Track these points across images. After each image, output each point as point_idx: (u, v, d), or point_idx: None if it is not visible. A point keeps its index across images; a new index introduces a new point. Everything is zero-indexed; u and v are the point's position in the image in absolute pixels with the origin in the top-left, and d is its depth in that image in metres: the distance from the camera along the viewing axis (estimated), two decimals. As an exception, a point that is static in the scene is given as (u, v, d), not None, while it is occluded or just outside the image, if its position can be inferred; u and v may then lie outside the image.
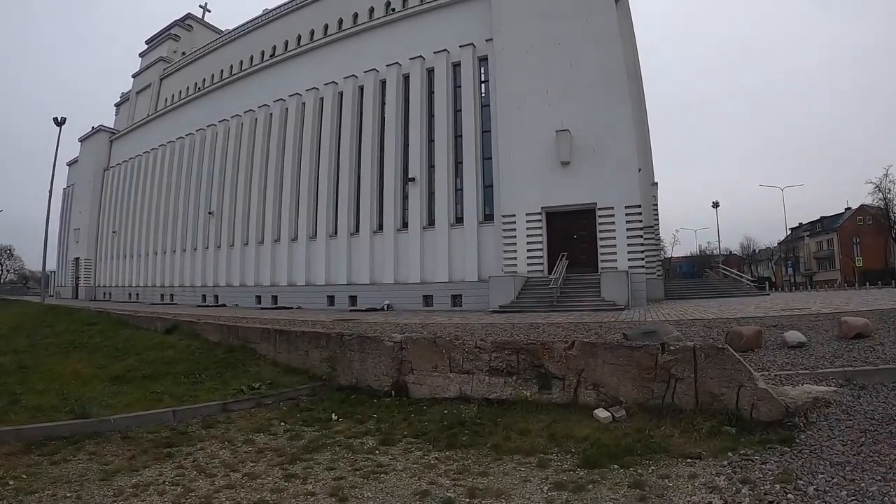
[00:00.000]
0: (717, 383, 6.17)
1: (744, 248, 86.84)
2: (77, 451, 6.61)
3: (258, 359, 12.15)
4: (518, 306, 20.32)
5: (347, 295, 28.66)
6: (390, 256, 27.59)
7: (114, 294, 47.28)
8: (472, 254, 25.23)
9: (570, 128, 22.40)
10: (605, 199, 21.84)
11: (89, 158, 53.12)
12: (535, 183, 23.19)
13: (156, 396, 9.16)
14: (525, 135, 23.52)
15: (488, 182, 25.75)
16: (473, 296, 23.80)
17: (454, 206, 26.48)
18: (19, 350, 15.33)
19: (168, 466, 5.99)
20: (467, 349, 8.48)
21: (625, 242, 21.46)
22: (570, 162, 22.42)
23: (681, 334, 8.40)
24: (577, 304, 19.41)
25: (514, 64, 24.32)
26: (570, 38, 23.21)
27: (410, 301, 26.09)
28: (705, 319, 12.78)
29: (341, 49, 32.15)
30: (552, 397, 7.44)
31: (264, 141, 34.84)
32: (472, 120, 26.21)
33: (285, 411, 8.67)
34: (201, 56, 46.74)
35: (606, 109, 22.13)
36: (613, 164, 21.76)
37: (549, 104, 23.14)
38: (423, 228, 26.85)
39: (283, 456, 6.26)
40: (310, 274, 30.84)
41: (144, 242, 44.57)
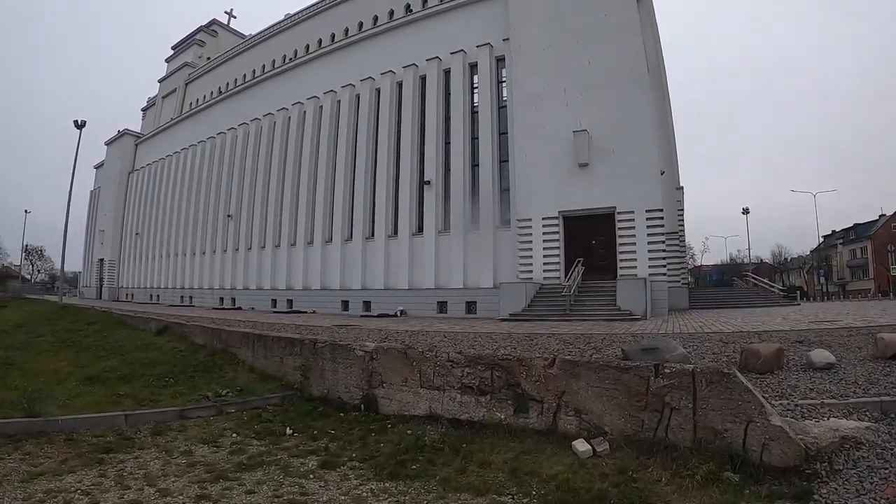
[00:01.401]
0: (720, 416, 5.00)
1: (775, 256, 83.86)
2: (14, 450, 6.56)
3: (237, 364, 11.70)
4: (529, 314, 19.24)
5: (361, 300, 28.00)
6: (405, 261, 26.79)
7: (136, 295, 47.45)
8: (488, 259, 24.26)
9: (588, 128, 21.26)
10: (625, 202, 20.64)
11: (115, 162, 53.75)
12: (551, 186, 22.13)
13: (117, 399, 9.02)
14: (542, 136, 22.49)
15: (505, 185, 24.77)
16: (488, 303, 22.77)
17: (470, 210, 25.52)
18: (12, 347, 15.64)
19: (92, 473, 5.81)
20: (439, 363, 7.45)
21: (645, 248, 20.22)
22: (588, 163, 21.29)
23: (686, 353, 7.18)
24: (591, 313, 18.22)
25: (531, 63, 23.31)
26: (589, 35, 22.12)
27: (424, 307, 25.25)
28: (723, 333, 11.47)
29: (359, 52, 31.64)
30: (529, 422, 6.35)
31: (282, 144, 34.55)
32: (489, 121, 25.28)
33: (244, 421, 8.21)
34: (225, 61, 46.92)
35: (626, 108, 20.93)
36: (634, 165, 20.53)
37: (567, 104, 22.05)
38: (438, 233, 25.98)
39: (211, 472, 5.86)
40: (325, 278, 30.27)
41: (166, 244, 44.72)
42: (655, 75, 25.51)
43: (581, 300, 19.42)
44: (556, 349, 8.91)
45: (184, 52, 54.17)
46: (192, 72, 51.10)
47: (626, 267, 20.46)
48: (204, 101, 45.98)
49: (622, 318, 17.18)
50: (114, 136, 54.73)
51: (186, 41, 54.64)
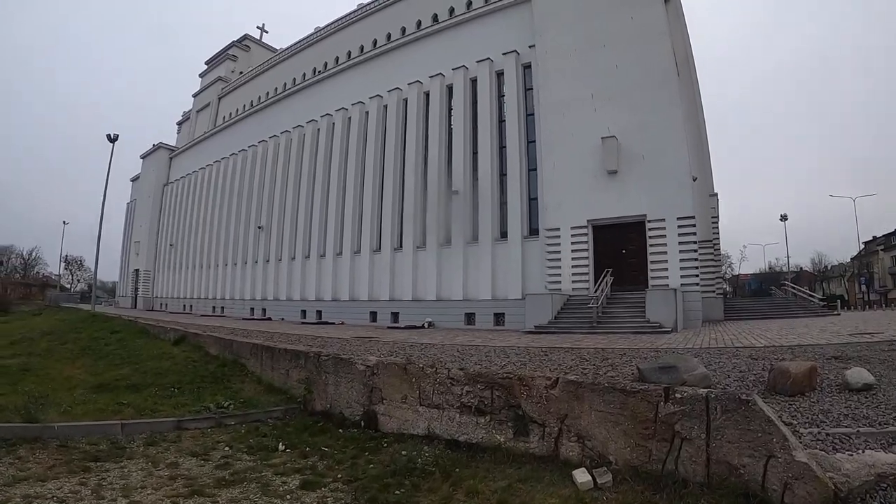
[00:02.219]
0: (736, 449, 4.39)
1: (815, 263, 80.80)
2: (6, 454, 6.60)
3: (245, 375, 11.66)
4: (555, 327, 18.55)
5: (390, 311, 27.64)
6: (433, 272, 26.37)
7: (170, 305, 48.17)
8: (516, 270, 23.66)
9: (616, 134, 20.54)
10: (656, 210, 19.82)
11: (150, 174, 54.91)
12: (580, 194, 21.45)
13: (118, 407, 9.05)
14: (570, 143, 21.83)
15: (533, 195, 24.15)
16: (516, 314, 22.10)
17: (498, 220, 25.00)
18: (34, 353, 16.23)
19: (72, 482, 5.79)
20: (439, 380, 7.00)
21: (677, 257, 19.35)
22: (617, 171, 20.56)
23: (707, 372, 6.51)
24: (619, 325, 17.47)
25: (557, 68, 22.72)
26: (615, 39, 21.43)
27: (452, 319, 24.74)
28: (754, 347, 10.67)
29: (386, 62, 31.53)
30: (529, 446, 5.84)
31: (311, 156, 34.63)
32: (517, 130, 24.73)
33: (241, 434, 8.07)
34: (256, 75, 47.47)
35: (656, 113, 20.15)
36: (664, 172, 19.73)
37: (595, 109, 21.38)
38: (466, 244, 25.48)
39: (190, 487, 5.75)
40: (353, 289, 30.05)
41: (199, 255, 45.30)
42: (686, 78, 24.66)
43: (609, 312, 18.68)
44: (568, 366, 8.33)
45: (217, 67, 55.11)
46: (225, 86, 51.90)
47: (657, 277, 19.66)
48: (236, 114, 46.60)
49: (651, 330, 16.40)
50: (149, 149, 56.02)
51: (219, 56, 55.60)
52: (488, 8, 27.13)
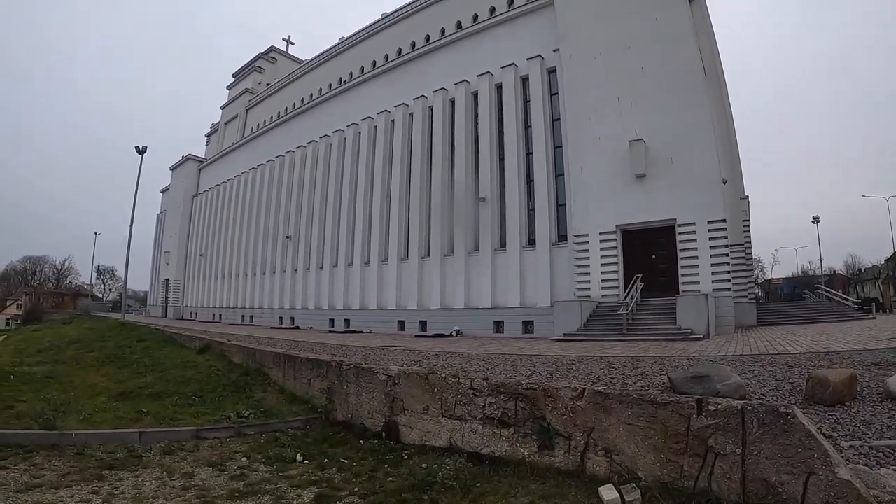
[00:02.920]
0: (774, 465, 4.10)
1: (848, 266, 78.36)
2: (22, 461, 6.60)
3: (267, 384, 11.65)
4: (584, 334, 18.21)
5: (418, 320, 27.49)
6: (461, 280, 26.16)
7: (199, 314, 48.72)
8: (545, 277, 23.30)
9: (644, 137, 20.15)
10: (686, 214, 19.34)
11: (179, 185, 55.82)
12: (608, 199, 21.09)
13: (138, 416, 9.06)
14: (597, 147, 21.50)
15: (561, 200, 23.78)
16: (545, 322, 21.77)
17: (526, 227, 24.71)
18: (60, 361, 16.45)
19: (85, 490, 5.73)
20: (461, 390, 6.79)
21: (708, 262, 18.83)
22: (645, 174, 20.16)
23: (742, 381, 6.20)
24: (650, 332, 17.04)
25: (583, 72, 22.41)
26: (640, 40, 21.04)
27: (481, 327, 24.50)
28: (790, 354, 10.22)
29: (411, 71, 31.57)
30: (554, 460, 5.59)
31: (338, 165, 34.76)
32: (543, 135, 24.42)
33: (260, 444, 7.97)
34: (283, 86, 47.96)
35: (683, 115, 19.70)
36: (694, 175, 19.26)
37: (621, 113, 21.02)
38: (494, 251, 25.23)
39: (202, 498, 5.67)
40: (381, 298, 29.99)
41: (228, 265, 45.76)
42: (713, 79, 24.12)
43: (639, 318, 18.26)
44: (597, 376, 8.05)
45: (244, 80, 55.84)
46: (252, 98, 52.53)
47: (687, 282, 19.16)
48: (264, 125, 47.09)
49: (682, 337, 15.95)
50: (178, 161, 56.93)
51: (246, 68, 56.34)
52: (511, 13, 26.98)
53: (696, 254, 19.11)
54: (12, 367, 14.57)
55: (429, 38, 33.03)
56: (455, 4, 32.38)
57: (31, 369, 14.26)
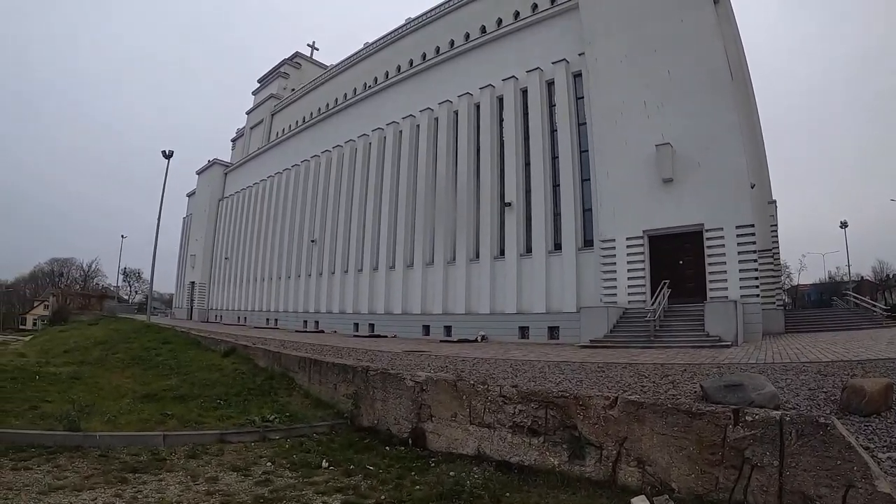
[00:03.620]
0: (812, 478, 4.00)
1: (876, 272, 76.65)
2: (45, 462, 6.59)
3: (293, 388, 11.64)
4: (610, 341, 18.03)
5: (443, 325, 27.46)
6: (486, 285, 26.09)
7: (224, 317, 49.30)
8: (571, 283, 23.14)
9: (671, 141, 19.93)
10: (714, 218, 19.07)
11: (205, 190, 56.64)
12: (635, 203, 20.88)
13: (162, 418, 9.04)
14: (623, 151, 21.31)
15: (587, 205, 23.60)
16: (571, 328, 21.63)
17: (552, 231, 24.56)
18: (86, 362, 16.63)
19: (108, 493, 5.68)
20: (490, 398, 6.74)
21: (736, 268, 18.51)
22: (672, 179, 19.93)
23: (776, 391, 6.08)
24: (677, 339, 16.82)
25: (608, 76, 22.26)
26: (666, 43, 20.83)
27: (506, 332, 24.40)
28: (821, 362, 9.98)
29: (436, 75, 31.65)
30: (585, 470, 5.52)
31: (363, 170, 34.94)
32: (569, 140, 24.28)
33: (284, 449, 7.88)
34: (308, 91, 48.52)
35: (710, 118, 19.46)
36: (721, 179, 18.98)
37: (648, 116, 20.81)
38: (519, 256, 25.13)
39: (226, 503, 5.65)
40: (406, 303, 30.06)
41: (252, 269, 46.26)
42: (739, 81, 23.77)
43: (667, 325, 18.02)
44: (627, 383, 7.94)
45: (269, 85, 56.58)
46: (278, 103, 53.22)
47: (715, 288, 18.86)
48: (289, 130, 47.60)
49: (710, 344, 15.71)
50: (204, 165, 57.81)
51: (272, 74, 57.09)
52: (536, 17, 26.94)
53: (723, 259, 18.80)
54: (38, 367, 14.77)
55: (453, 42, 33.14)
56: (479, 9, 32.47)
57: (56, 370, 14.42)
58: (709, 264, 19.16)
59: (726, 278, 18.69)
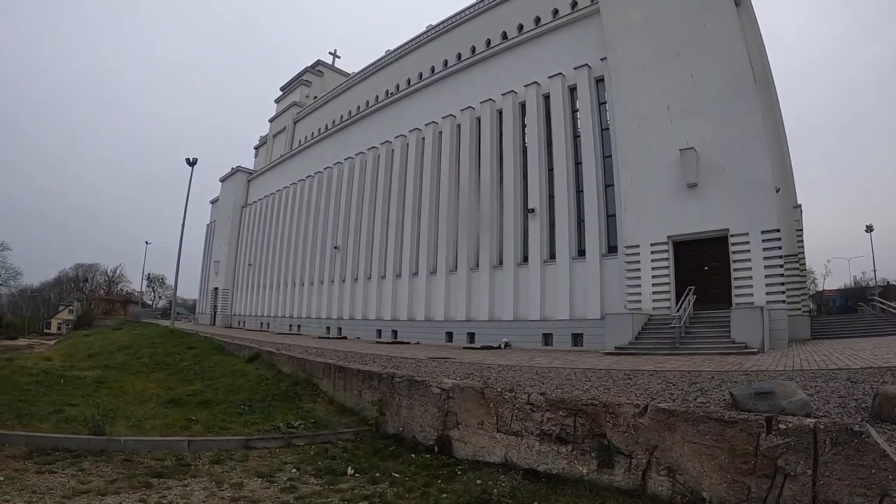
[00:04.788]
0: (847, 487, 3.95)
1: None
2: (70, 466, 6.63)
3: (317, 394, 11.73)
4: (636, 347, 17.87)
5: (466, 331, 27.40)
6: (509, 292, 26.00)
7: (247, 323, 49.72)
8: (595, 289, 22.95)
9: (695, 146, 19.72)
10: (739, 224, 18.81)
11: (228, 197, 57.25)
12: (659, 209, 20.69)
13: (187, 423, 9.08)
14: (646, 156, 21.14)
15: (611, 211, 23.43)
16: (595, 335, 21.49)
17: (576, 238, 24.38)
18: (110, 366, 16.77)
19: (132, 498, 5.69)
20: (517, 405, 6.75)
21: (762, 273, 18.23)
22: (697, 184, 19.72)
23: (808, 398, 6.00)
24: (703, 345, 16.60)
25: (631, 81, 22.13)
26: (689, 47, 20.69)
27: (529, 339, 24.30)
28: (851, 369, 9.78)
29: (458, 82, 31.69)
30: (614, 479, 5.50)
31: (386, 176, 35.05)
32: (592, 145, 24.14)
33: (309, 456, 7.91)
34: (330, 99, 48.86)
35: (734, 122, 19.23)
36: (746, 183, 18.73)
37: (671, 121, 20.64)
38: (543, 263, 24.98)
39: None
40: (429, 309, 30.06)
41: (276, 275, 46.60)
42: (763, 84, 23.49)
43: (692, 332, 17.82)
44: (655, 391, 7.88)
45: (292, 93, 57.12)
46: (300, 110, 53.66)
47: (741, 294, 18.59)
48: (312, 137, 47.96)
49: (737, 351, 15.50)
50: (227, 172, 58.44)
51: (294, 82, 57.64)
52: (557, 23, 26.85)
53: (749, 265, 18.53)
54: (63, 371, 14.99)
55: (474, 49, 33.14)
56: (500, 15, 32.48)
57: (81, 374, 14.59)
58: (734, 270, 18.89)
59: (752, 284, 18.42)
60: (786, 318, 18.28)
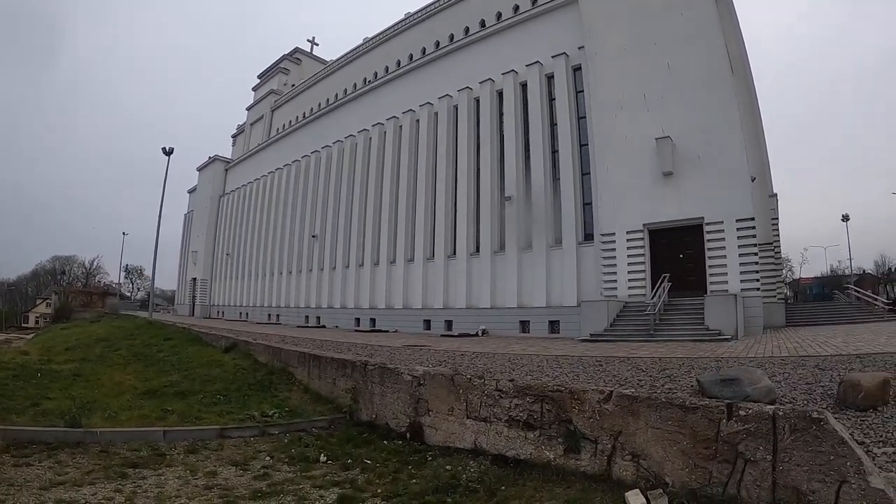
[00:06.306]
0: (805, 473, 3.99)
1: (878, 266, 76.49)
2: (47, 458, 6.70)
3: (293, 383, 11.71)
4: (610, 335, 18.01)
5: (444, 319, 27.44)
6: (487, 280, 26.06)
7: (226, 313, 49.35)
8: (571, 277, 23.09)
9: (671, 134, 19.84)
10: (714, 212, 19.01)
11: (206, 186, 56.52)
12: (635, 197, 20.82)
13: (163, 414, 9.18)
14: (623, 145, 21.24)
15: (588, 199, 23.54)
16: (571, 322, 21.64)
17: (552, 226, 24.47)
18: (87, 359, 16.62)
19: (108, 488, 5.78)
20: (486, 392, 6.77)
21: (736, 261, 18.46)
22: (672, 172, 19.86)
23: (773, 385, 6.06)
24: (677, 332, 16.77)
25: (608, 69, 22.18)
26: (666, 37, 20.74)
27: (507, 326, 24.42)
28: (820, 356, 9.95)
29: (436, 70, 31.52)
30: (580, 464, 5.53)
31: (363, 164, 34.85)
32: (569, 133, 24.17)
33: (283, 444, 8.02)
34: (308, 87, 48.25)
35: (711, 112, 19.38)
36: (721, 172, 18.92)
37: (648, 110, 20.73)
38: (520, 250, 25.06)
39: (224, 497, 5.71)
40: (407, 297, 30.06)
41: (254, 264, 46.25)
42: (741, 76, 23.67)
43: (667, 319, 18.01)
44: (624, 377, 7.94)
45: (269, 81, 56.33)
46: (278, 99, 52.98)
47: (715, 282, 18.82)
48: (289, 125, 47.44)
49: (710, 338, 15.69)
50: (205, 162, 57.65)
51: (272, 69, 56.83)
52: (536, 11, 26.73)
53: (724, 253, 18.75)
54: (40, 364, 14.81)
55: (453, 37, 32.88)
56: (478, 3, 32.23)
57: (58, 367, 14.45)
58: (709, 258, 19.11)
59: (727, 272, 18.64)
60: (760, 305, 18.54)
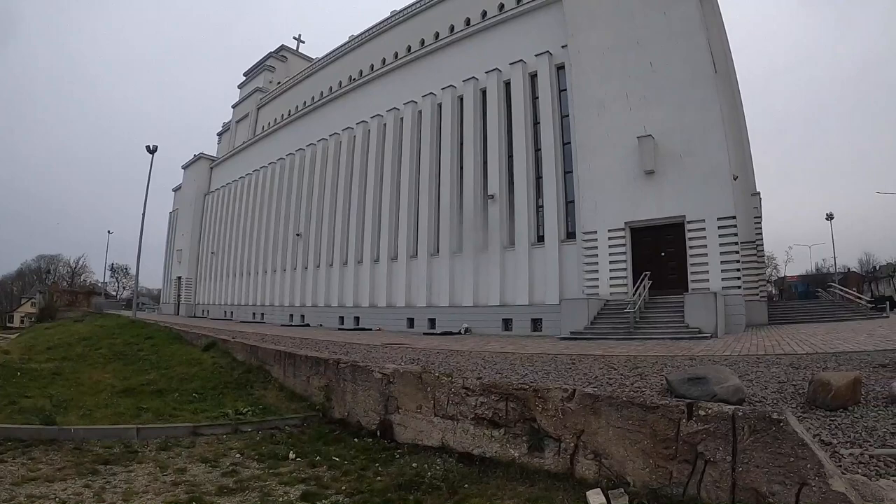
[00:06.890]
0: (765, 475, 3.93)
1: (862, 264, 77.45)
2: (21, 455, 6.75)
3: (269, 381, 11.65)
4: (591, 333, 18.02)
5: (427, 317, 27.39)
6: (469, 278, 26.03)
7: (211, 311, 48.95)
8: (553, 275, 23.12)
9: (653, 133, 19.90)
10: (695, 210, 19.08)
11: (191, 184, 56.00)
12: (617, 196, 20.89)
13: (138, 412, 9.17)
14: (605, 143, 21.29)
15: (570, 198, 23.58)
16: (553, 320, 21.56)
17: (535, 224, 24.54)
18: (68, 358, 16.65)
19: (78, 484, 5.84)
20: (454, 389, 6.70)
21: (718, 259, 18.56)
22: (654, 171, 19.91)
23: (741, 384, 6.01)
24: (657, 331, 16.81)
25: (591, 68, 22.20)
26: (649, 36, 20.81)
27: (490, 325, 24.42)
28: (796, 355, 9.98)
29: (421, 68, 31.43)
30: (544, 462, 5.48)
31: (348, 163, 34.68)
32: (552, 132, 24.20)
33: (256, 441, 8.00)
34: (293, 85, 47.94)
35: (693, 111, 19.45)
36: (703, 171, 18.99)
37: (630, 108, 20.79)
38: (503, 248, 25.07)
39: (190, 493, 5.71)
40: (390, 296, 29.97)
41: (239, 263, 45.94)
42: (724, 75, 23.76)
43: (647, 317, 18.07)
44: (595, 376, 7.91)
45: (255, 78, 55.93)
46: (263, 96, 52.60)
47: (697, 280, 18.90)
48: (275, 123, 47.13)
49: (690, 336, 15.73)
50: (190, 159, 57.08)
51: (258, 67, 56.42)
52: (520, 10, 26.71)
53: (705, 251, 18.85)
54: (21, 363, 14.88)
55: (438, 35, 32.75)
56: (464, 2, 32.17)
57: (38, 366, 14.45)
58: (690, 256, 19.23)
59: (708, 270, 18.75)
60: (742, 303, 18.65)
